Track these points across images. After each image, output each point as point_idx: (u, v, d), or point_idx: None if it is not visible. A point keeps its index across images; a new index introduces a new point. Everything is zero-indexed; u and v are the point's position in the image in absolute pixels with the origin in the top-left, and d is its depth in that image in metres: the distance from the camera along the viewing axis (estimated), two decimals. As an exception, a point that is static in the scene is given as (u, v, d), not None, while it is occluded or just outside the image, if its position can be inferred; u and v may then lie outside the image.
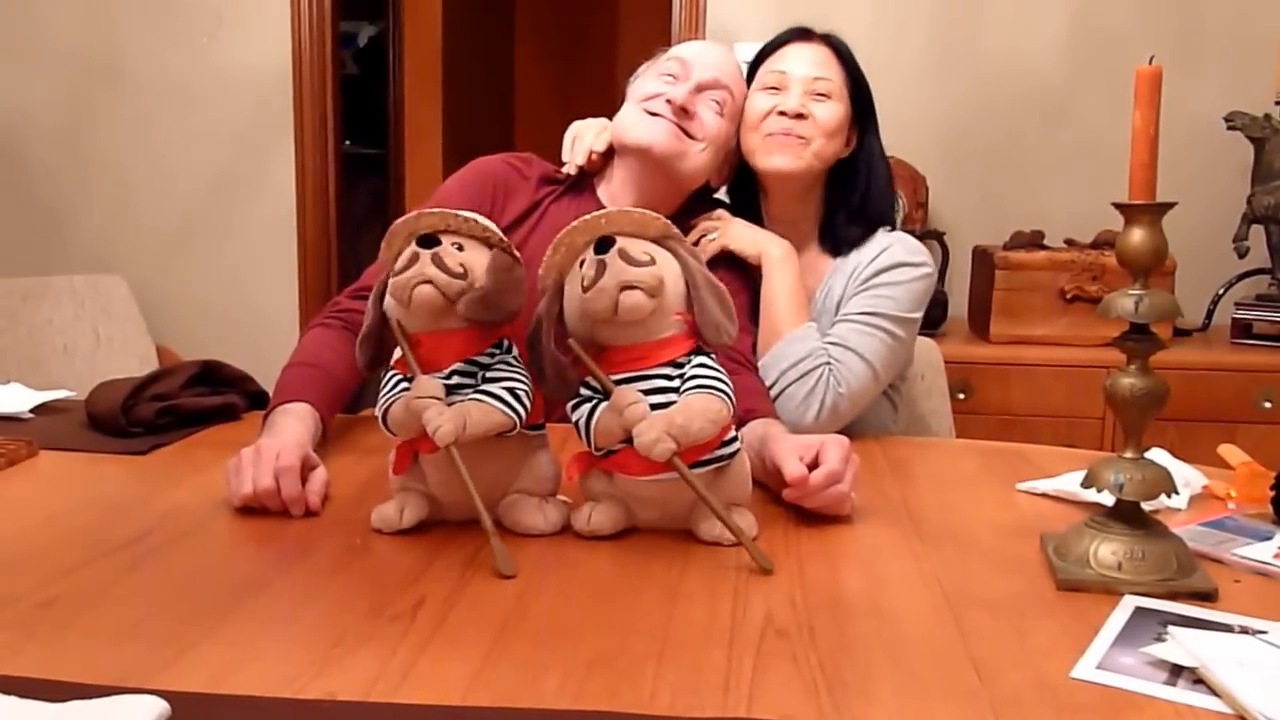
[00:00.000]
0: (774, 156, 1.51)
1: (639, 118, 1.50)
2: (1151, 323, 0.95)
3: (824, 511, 1.12)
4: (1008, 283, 2.60)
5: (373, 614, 0.87)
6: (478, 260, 1.03)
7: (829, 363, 1.44)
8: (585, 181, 1.58)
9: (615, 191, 1.55)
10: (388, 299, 1.05)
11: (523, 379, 1.05)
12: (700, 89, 1.50)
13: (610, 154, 1.57)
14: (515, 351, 1.08)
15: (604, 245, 1.01)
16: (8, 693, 0.71)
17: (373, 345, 1.08)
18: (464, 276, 1.01)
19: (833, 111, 1.52)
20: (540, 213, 1.54)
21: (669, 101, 1.47)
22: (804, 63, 1.54)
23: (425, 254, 1.01)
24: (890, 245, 1.54)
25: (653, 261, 1.01)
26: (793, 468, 1.10)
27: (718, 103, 1.51)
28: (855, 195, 1.57)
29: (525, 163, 1.59)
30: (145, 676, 0.75)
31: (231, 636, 0.83)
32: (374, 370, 1.09)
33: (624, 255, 1.00)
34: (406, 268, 1.01)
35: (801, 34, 1.57)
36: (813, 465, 1.11)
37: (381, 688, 0.75)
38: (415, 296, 1.01)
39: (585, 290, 1.00)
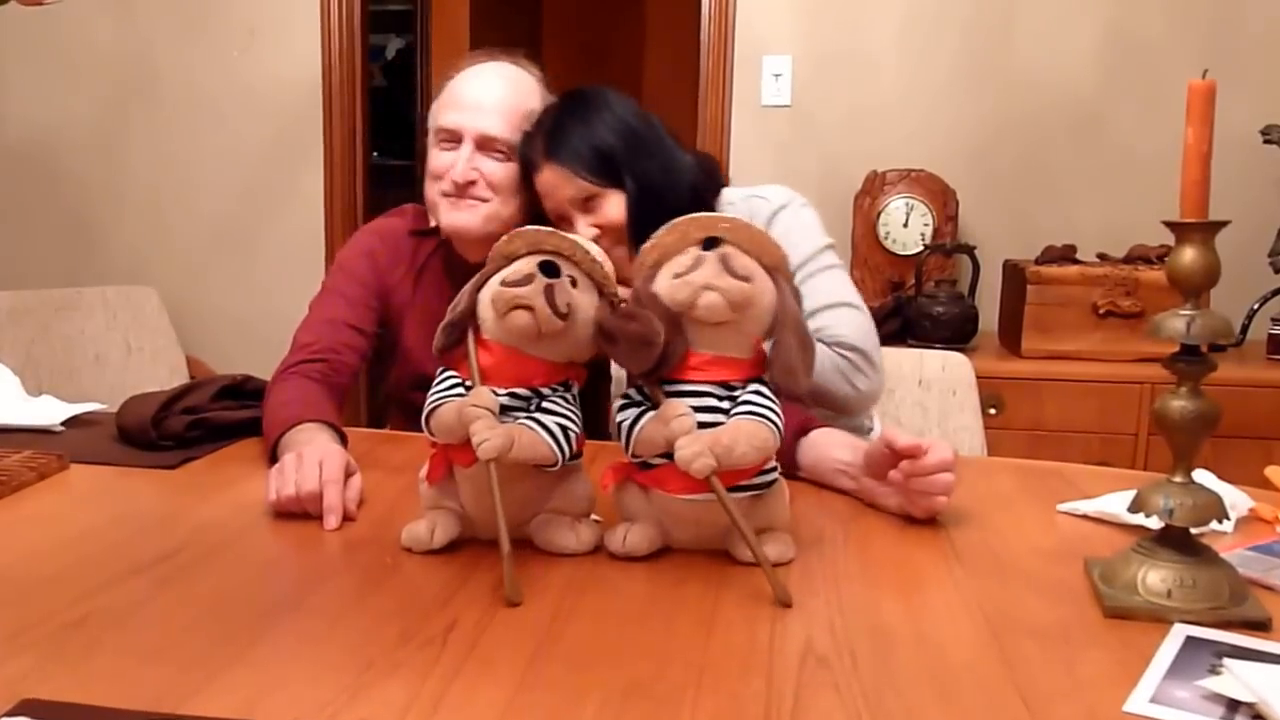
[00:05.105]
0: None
1: (437, 205, 1.54)
2: (1202, 344, 0.93)
3: (924, 496, 1.13)
4: (1039, 297, 2.57)
5: (404, 638, 0.86)
6: (586, 302, 1.02)
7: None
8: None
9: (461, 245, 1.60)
10: (485, 296, 1.03)
11: (575, 420, 1.04)
12: (478, 149, 1.51)
13: None
14: (575, 391, 1.06)
15: (712, 244, 1.00)
16: (37, 718, 0.71)
17: (456, 333, 1.05)
18: (566, 318, 0.99)
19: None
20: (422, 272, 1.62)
21: (453, 183, 1.51)
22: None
23: (541, 281, 0.99)
24: (756, 209, 1.49)
25: (750, 280, 0.99)
26: (906, 439, 1.11)
27: (500, 152, 1.51)
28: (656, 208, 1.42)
29: (393, 229, 1.65)
30: (177, 701, 0.74)
31: (263, 659, 0.82)
32: (444, 355, 1.07)
33: (725, 260, 0.99)
34: (519, 283, 1.00)
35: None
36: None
37: (414, 715, 0.74)
38: (511, 319, 0.99)
39: (676, 276, 0.99)
